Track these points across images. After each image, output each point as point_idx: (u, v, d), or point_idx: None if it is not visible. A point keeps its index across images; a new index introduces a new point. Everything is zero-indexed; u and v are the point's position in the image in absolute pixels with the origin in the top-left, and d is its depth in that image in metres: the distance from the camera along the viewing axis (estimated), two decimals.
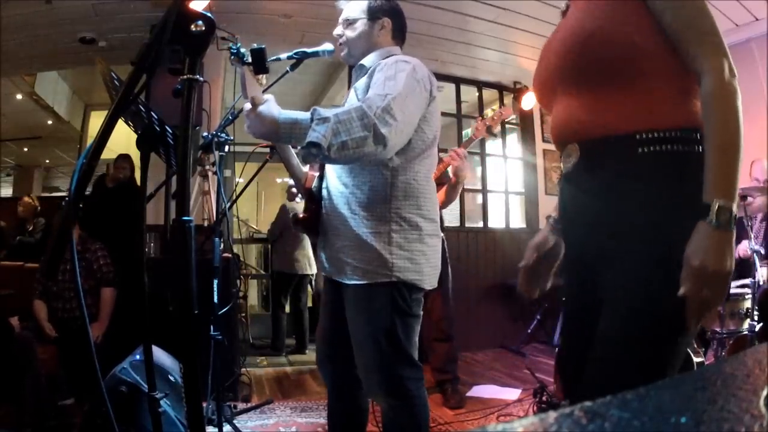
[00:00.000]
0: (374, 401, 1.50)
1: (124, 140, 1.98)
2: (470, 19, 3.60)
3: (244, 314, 4.24)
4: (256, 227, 6.36)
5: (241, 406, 2.69)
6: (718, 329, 2.36)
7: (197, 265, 0.88)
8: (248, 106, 1.16)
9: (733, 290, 2.38)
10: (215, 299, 2.03)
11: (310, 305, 4.72)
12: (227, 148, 2.09)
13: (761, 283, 2.40)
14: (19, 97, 5.64)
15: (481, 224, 4.70)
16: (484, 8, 3.47)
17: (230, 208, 2.45)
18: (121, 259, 2.98)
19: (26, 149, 7.11)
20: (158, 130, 1.15)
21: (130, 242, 3.20)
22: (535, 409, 2.40)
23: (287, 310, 4.48)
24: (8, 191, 7.49)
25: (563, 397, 2.23)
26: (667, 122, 0.88)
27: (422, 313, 1.39)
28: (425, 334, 2.39)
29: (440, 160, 2.11)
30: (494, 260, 4.46)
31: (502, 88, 4.81)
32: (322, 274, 1.49)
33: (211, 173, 2.82)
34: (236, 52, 1.15)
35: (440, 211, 1.87)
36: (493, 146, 4.88)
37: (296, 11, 3.41)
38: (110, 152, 3.58)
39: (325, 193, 1.43)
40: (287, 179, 5.65)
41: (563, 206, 1.07)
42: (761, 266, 2.47)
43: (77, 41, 3.61)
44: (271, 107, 1.15)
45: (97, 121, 6.05)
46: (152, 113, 1.13)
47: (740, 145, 0.82)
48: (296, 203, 4.31)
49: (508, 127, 4.87)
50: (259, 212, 7.47)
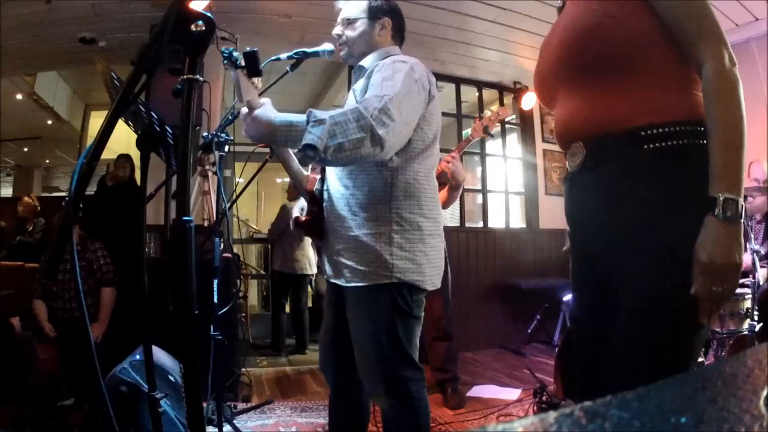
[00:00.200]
0: (375, 402, 1.50)
1: (124, 140, 1.99)
2: (470, 19, 3.60)
3: (244, 314, 4.23)
4: (256, 227, 6.36)
5: (241, 406, 2.69)
6: (718, 329, 2.36)
7: (197, 265, 0.88)
8: (245, 110, 1.15)
9: None
10: (215, 299, 2.03)
11: (310, 305, 4.72)
12: (227, 148, 2.09)
13: (761, 283, 2.40)
14: (19, 97, 5.64)
15: (481, 224, 4.70)
16: (484, 8, 3.47)
17: (230, 208, 2.44)
18: (120, 258, 2.98)
19: (26, 149, 7.11)
20: (158, 130, 1.15)
21: (129, 242, 3.20)
22: (535, 409, 2.40)
23: (287, 310, 4.48)
24: (8, 191, 7.48)
25: (563, 396, 2.23)
26: (670, 116, 0.88)
27: (423, 314, 1.39)
28: (425, 333, 2.39)
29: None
30: (494, 260, 4.46)
31: (502, 88, 4.81)
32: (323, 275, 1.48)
33: (211, 173, 2.81)
34: (228, 55, 1.14)
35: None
36: (493, 146, 4.87)
37: (296, 11, 3.41)
38: (110, 152, 3.58)
39: (325, 194, 1.42)
40: (287, 179, 5.65)
41: (570, 205, 1.06)
42: (761, 266, 2.47)
43: (77, 41, 3.61)
44: (267, 110, 1.14)
45: (97, 121, 6.06)
46: (152, 113, 1.13)
47: (743, 134, 0.81)
48: (297, 203, 4.32)
49: (508, 127, 4.86)
50: (259, 212, 7.47)
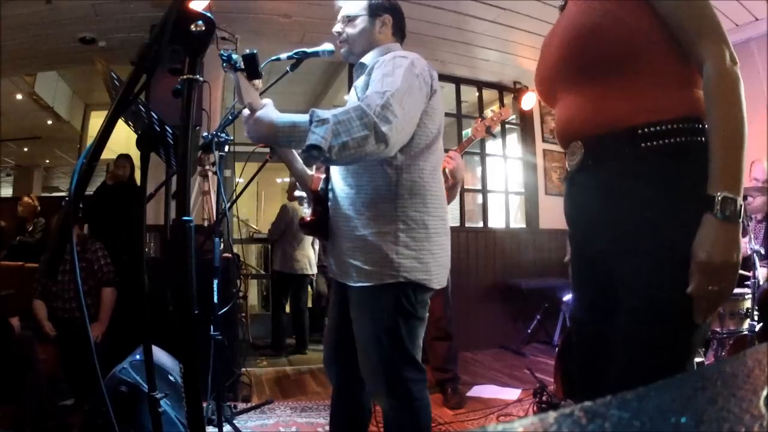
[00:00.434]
0: (376, 402, 1.50)
1: (124, 140, 1.99)
2: (470, 19, 3.60)
3: (244, 314, 4.23)
4: (256, 227, 6.36)
5: (241, 406, 2.69)
6: (718, 329, 2.36)
7: (197, 265, 0.88)
8: (246, 112, 1.14)
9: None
10: (215, 299, 2.03)
11: (310, 305, 4.72)
12: (227, 148, 2.09)
13: (761, 283, 2.40)
14: (19, 97, 5.64)
15: (481, 224, 4.70)
16: (484, 8, 3.47)
17: (230, 208, 2.44)
18: (120, 258, 2.98)
19: (26, 149, 7.11)
20: (158, 130, 1.15)
21: (129, 241, 3.20)
22: (535, 409, 2.40)
23: (287, 310, 4.48)
24: (8, 191, 7.48)
25: (563, 396, 2.23)
26: (669, 113, 0.88)
27: (428, 315, 1.38)
28: (425, 333, 2.40)
29: None
30: (494, 260, 4.46)
31: (502, 88, 4.80)
32: (329, 275, 1.47)
33: (211, 173, 2.82)
34: (227, 58, 1.13)
35: None
36: (493, 146, 4.87)
37: (296, 11, 3.41)
38: (110, 152, 3.58)
39: (330, 194, 1.42)
40: (287, 179, 5.64)
41: (569, 204, 1.06)
42: (761, 266, 2.47)
43: (77, 41, 3.60)
44: (269, 112, 1.13)
45: (97, 121, 6.06)
46: (152, 113, 1.13)
47: (744, 133, 0.81)
48: (297, 203, 4.32)
49: (508, 127, 4.86)
50: (259, 212, 7.48)
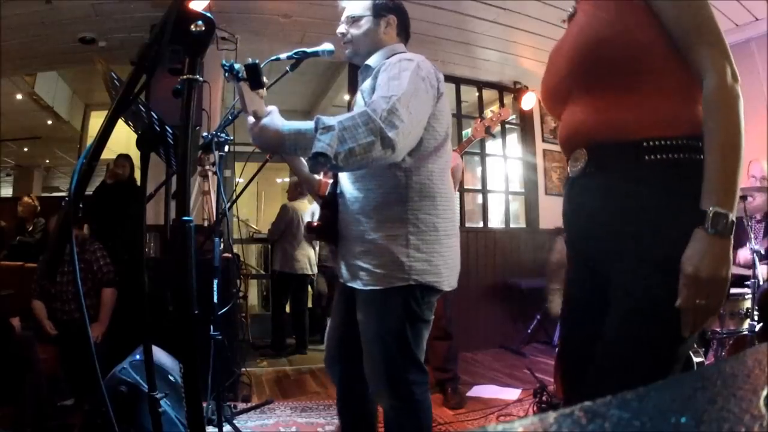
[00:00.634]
0: (378, 402, 1.50)
1: (124, 140, 1.99)
2: (470, 19, 3.60)
3: (244, 314, 4.23)
4: (256, 227, 6.36)
5: (241, 406, 2.69)
6: (718, 329, 2.36)
7: (197, 265, 0.88)
8: (251, 119, 1.13)
9: (733, 290, 2.38)
10: (215, 299, 2.03)
11: (310, 305, 4.72)
12: (227, 148, 2.09)
13: (761, 282, 2.40)
14: (19, 97, 5.63)
15: (481, 224, 4.70)
16: (484, 8, 3.47)
17: (230, 208, 2.44)
18: (120, 258, 2.98)
19: (26, 149, 7.11)
20: (158, 130, 1.15)
21: (129, 241, 3.20)
22: (535, 409, 2.40)
23: (287, 310, 4.48)
24: (8, 191, 7.48)
25: (562, 397, 2.23)
26: (674, 130, 0.88)
27: (433, 318, 1.38)
28: None
29: None
30: (494, 260, 4.45)
31: (502, 88, 4.80)
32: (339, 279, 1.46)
33: (211, 173, 2.82)
34: (230, 68, 1.13)
35: None
36: (493, 146, 4.87)
37: (296, 11, 3.41)
38: (110, 152, 3.58)
39: (339, 198, 1.41)
40: (287, 179, 5.65)
41: (568, 209, 1.06)
42: (761, 264, 2.47)
43: (77, 41, 3.60)
44: (274, 119, 1.12)
45: (97, 121, 6.06)
46: (152, 113, 1.13)
47: (740, 151, 0.81)
48: (298, 203, 4.32)
49: (508, 127, 4.86)
50: (259, 212, 7.47)
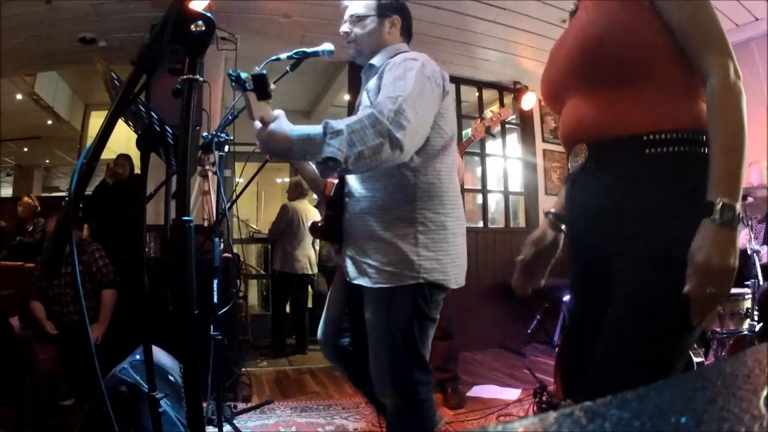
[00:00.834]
0: (382, 400, 1.51)
1: (124, 140, 1.99)
2: (470, 19, 3.60)
3: (244, 314, 4.23)
4: (256, 227, 6.35)
5: (241, 406, 2.69)
6: (718, 329, 2.36)
7: (197, 265, 0.88)
8: (258, 124, 1.12)
9: (733, 290, 2.38)
10: (215, 299, 2.03)
11: (310, 305, 4.71)
12: (227, 148, 2.09)
13: (761, 282, 2.40)
14: (19, 97, 5.63)
15: (481, 224, 4.70)
16: (484, 8, 3.47)
17: (230, 208, 2.44)
18: (120, 258, 2.97)
19: (26, 149, 7.11)
20: (158, 130, 1.15)
21: (129, 241, 3.20)
22: (535, 409, 2.40)
23: (288, 310, 4.48)
24: (8, 191, 7.47)
25: (563, 396, 2.23)
26: (674, 124, 0.89)
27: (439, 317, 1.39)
28: None
29: None
30: (494, 260, 4.45)
31: (502, 88, 4.80)
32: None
33: (211, 173, 2.82)
34: (236, 78, 1.13)
35: None
36: (493, 146, 4.87)
37: (296, 11, 3.41)
38: (110, 152, 3.58)
39: (347, 198, 1.41)
40: (287, 179, 5.64)
41: (569, 205, 1.07)
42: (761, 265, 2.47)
43: (77, 41, 3.60)
44: (282, 124, 1.12)
45: (97, 121, 6.06)
46: (152, 113, 1.13)
47: (744, 145, 0.82)
48: (298, 203, 4.32)
49: (508, 127, 4.86)
50: (259, 212, 7.47)
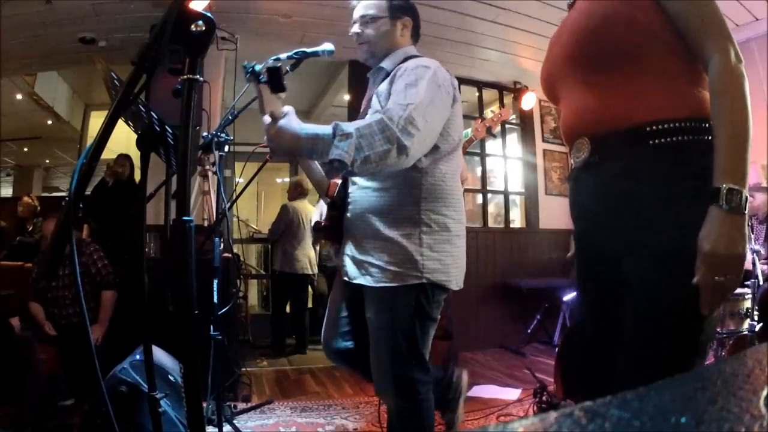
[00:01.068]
0: (382, 400, 1.52)
1: (124, 140, 1.98)
2: (470, 19, 3.60)
3: (244, 314, 4.23)
4: (256, 227, 6.35)
5: (241, 406, 2.69)
6: (718, 329, 2.35)
7: (197, 265, 0.88)
8: (267, 119, 1.12)
9: None
10: (215, 299, 2.03)
11: (310, 305, 4.71)
12: (227, 148, 2.09)
13: (761, 282, 2.40)
14: (19, 97, 5.63)
15: (481, 224, 4.71)
16: (484, 8, 3.47)
17: (230, 208, 2.44)
18: (120, 258, 2.97)
19: (26, 149, 7.10)
20: (158, 130, 1.15)
21: (129, 241, 3.20)
22: (535, 409, 2.40)
23: (288, 310, 4.48)
24: (8, 191, 7.47)
25: (563, 396, 2.23)
26: (676, 112, 0.88)
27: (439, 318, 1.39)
28: None
29: None
30: (494, 260, 4.45)
31: (502, 88, 4.80)
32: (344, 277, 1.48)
33: (211, 173, 2.82)
34: (251, 70, 1.13)
35: None
36: (493, 146, 4.87)
37: (296, 11, 3.41)
38: (110, 152, 3.58)
39: (351, 197, 1.41)
40: (287, 179, 5.64)
41: (574, 202, 1.06)
42: (762, 263, 2.47)
43: (77, 41, 3.60)
44: (291, 121, 1.12)
45: (97, 121, 6.05)
46: (152, 113, 1.13)
47: (749, 128, 0.81)
48: (298, 203, 4.31)
49: (508, 127, 4.86)
50: (259, 212, 7.46)
